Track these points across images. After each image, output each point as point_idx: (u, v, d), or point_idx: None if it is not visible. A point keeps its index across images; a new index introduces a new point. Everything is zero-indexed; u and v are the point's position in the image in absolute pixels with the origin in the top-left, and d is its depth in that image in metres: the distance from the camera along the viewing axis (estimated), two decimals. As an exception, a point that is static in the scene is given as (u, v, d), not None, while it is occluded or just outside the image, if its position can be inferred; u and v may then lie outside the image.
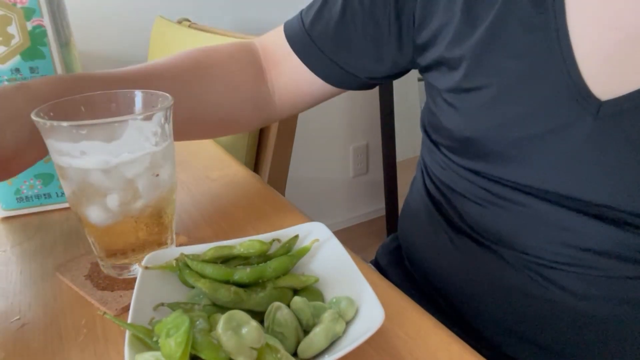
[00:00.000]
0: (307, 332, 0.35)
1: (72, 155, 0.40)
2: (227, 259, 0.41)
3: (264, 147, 1.09)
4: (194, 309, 0.35)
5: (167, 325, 0.30)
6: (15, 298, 0.43)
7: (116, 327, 0.40)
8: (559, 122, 0.42)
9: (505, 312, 0.49)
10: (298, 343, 0.34)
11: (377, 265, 0.69)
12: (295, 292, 0.39)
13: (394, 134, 1.80)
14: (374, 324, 0.33)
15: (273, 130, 1.03)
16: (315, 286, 0.40)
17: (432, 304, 0.57)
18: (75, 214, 0.43)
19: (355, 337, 0.33)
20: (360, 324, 0.35)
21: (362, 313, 0.36)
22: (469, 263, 0.51)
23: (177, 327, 0.30)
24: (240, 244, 0.41)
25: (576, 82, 0.41)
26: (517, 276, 0.48)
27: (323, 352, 0.33)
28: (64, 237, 0.53)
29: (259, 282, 0.39)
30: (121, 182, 0.41)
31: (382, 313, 0.34)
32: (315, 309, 0.36)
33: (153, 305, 0.36)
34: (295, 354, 0.34)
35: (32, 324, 0.40)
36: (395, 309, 0.41)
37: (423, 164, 0.59)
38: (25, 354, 0.37)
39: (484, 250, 0.50)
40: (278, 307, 0.35)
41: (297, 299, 0.37)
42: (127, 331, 0.32)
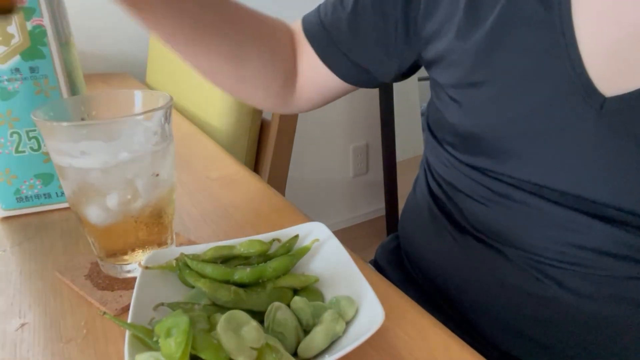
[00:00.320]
0: (307, 332, 0.35)
1: (72, 155, 0.40)
2: (227, 259, 0.41)
3: (264, 147, 1.09)
4: (194, 309, 0.35)
5: (167, 325, 0.30)
6: (15, 298, 0.43)
7: (116, 327, 0.39)
8: (562, 118, 0.42)
9: (507, 310, 0.49)
10: (298, 343, 0.34)
11: (377, 265, 0.69)
12: (295, 292, 0.39)
13: (394, 134, 1.80)
14: (374, 324, 0.33)
15: (273, 130, 1.04)
16: (315, 286, 0.40)
17: (432, 304, 0.57)
18: (75, 213, 0.43)
19: (355, 337, 0.33)
20: (360, 324, 0.35)
21: (362, 313, 0.36)
22: (471, 261, 0.51)
23: (177, 327, 0.30)
24: (240, 244, 0.41)
25: (581, 78, 0.41)
26: (520, 274, 0.48)
27: (323, 352, 0.33)
28: (64, 237, 0.53)
29: (259, 282, 0.39)
30: (121, 182, 0.41)
31: (382, 313, 0.34)
32: (315, 309, 0.36)
33: (153, 305, 0.36)
34: (295, 354, 0.34)
35: (32, 324, 0.40)
36: (395, 309, 0.41)
37: (426, 163, 0.59)
38: (25, 354, 0.37)
39: (486, 248, 0.50)
40: (278, 307, 0.35)
41: (297, 299, 0.37)
42: (127, 331, 0.32)
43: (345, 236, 1.80)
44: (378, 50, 0.56)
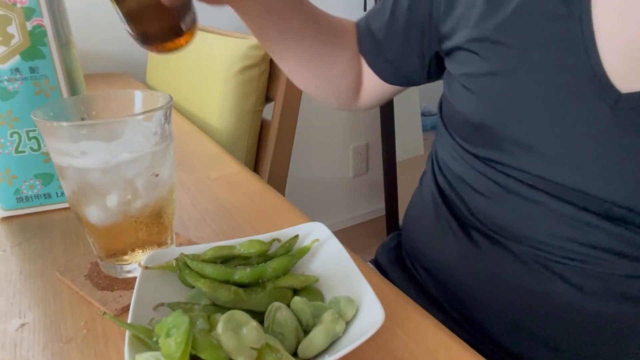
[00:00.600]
0: (307, 332, 0.35)
1: (72, 155, 0.40)
2: (227, 259, 0.41)
3: (264, 147, 1.09)
4: (194, 309, 0.35)
5: (167, 325, 0.30)
6: (15, 298, 0.43)
7: (116, 327, 0.39)
8: (576, 112, 0.42)
9: (511, 306, 0.49)
10: (298, 343, 0.34)
11: (377, 264, 0.69)
12: (295, 292, 0.39)
13: (394, 134, 1.80)
14: (374, 324, 0.33)
15: (273, 130, 1.03)
16: (315, 286, 0.40)
17: (432, 301, 0.57)
18: (75, 213, 0.43)
19: (355, 337, 0.33)
20: (360, 324, 0.35)
21: (362, 313, 0.36)
22: (476, 256, 0.51)
23: (177, 327, 0.30)
24: (240, 244, 0.41)
25: (597, 73, 0.41)
26: (525, 270, 0.48)
27: (323, 352, 0.33)
28: (64, 237, 0.53)
29: (259, 282, 0.39)
30: (121, 182, 0.41)
31: (382, 313, 0.34)
32: (315, 309, 0.36)
33: (153, 305, 0.36)
34: (295, 354, 0.34)
35: (32, 324, 0.40)
36: (395, 309, 0.41)
37: (435, 157, 0.60)
38: (25, 354, 0.37)
39: (491, 243, 0.50)
40: (278, 307, 0.35)
41: (297, 299, 0.37)
42: (127, 331, 0.32)
43: (345, 236, 1.80)
44: (413, 54, 0.59)
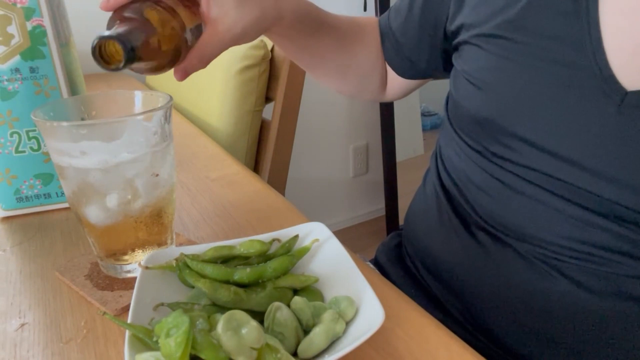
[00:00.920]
0: (307, 332, 0.35)
1: (72, 155, 0.40)
2: (227, 259, 0.41)
3: (264, 147, 1.09)
4: (194, 309, 0.35)
5: (167, 325, 0.30)
6: (15, 298, 0.43)
7: (116, 327, 0.40)
8: (581, 109, 0.42)
9: (513, 305, 0.49)
10: (298, 343, 0.34)
11: (377, 263, 0.69)
12: (295, 292, 0.39)
13: (394, 134, 1.80)
14: (374, 324, 0.33)
15: (273, 130, 1.03)
16: (315, 286, 0.40)
17: (432, 301, 0.57)
18: (75, 213, 0.43)
19: (355, 337, 0.33)
20: (360, 324, 0.35)
21: (362, 313, 0.36)
22: (479, 254, 0.51)
23: (177, 327, 0.30)
24: (240, 244, 0.41)
25: (603, 70, 0.41)
26: (528, 269, 0.48)
27: (323, 352, 0.33)
28: (64, 237, 0.53)
29: (259, 282, 0.39)
30: (121, 182, 0.41)
31: (382, 313, 0.34)
32: (315, 309, 0.36)
33: (153, 305, 0.36)
34: (295, 354, 0.34)
35: (32, 324, 0.40)
36: (395, 309, 0.41)
37: (439, 155, 0.60)
38: (25, 354, 0.37)
39: (495, 241, 0.50)
40: (278, 307, 0.35)
41: (297, 299, 0.37)
42: (127, 331, 0.32)
43: (345, 236, 1.80)
44: (428, 51, 0.60)
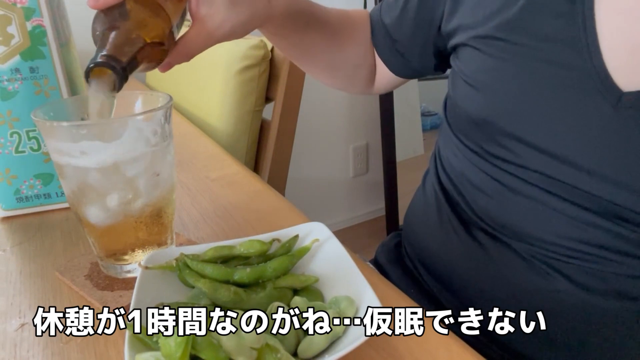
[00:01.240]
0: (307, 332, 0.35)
1: (72, 155, 0.40)
2: (227, 259, 0.41)
3: (264, 147, 1.09)
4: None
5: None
6: (15, 298, 0.43)
7: (116, 327, 0.39)
8: (577, 110, 0.42)
9: (512, 304, 0.49)
10: (298, 343, 0.34)
11: (377, 263, 0.69)
12: (295, 292, 0.39)
13: (394, 134, 1.80)
14: (374, 324, 0.33)
15: (273, 130, 1.03)
16: (315, 286, 0.40)
17: (432, 301, 0.57)
18: (75, 213, 0.43)
19: (355, 337, 0.33)
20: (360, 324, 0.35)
21: (362, 313, 0.35)
22: (478, 255, 0.51)
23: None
24: (240, 244, 0.41)
25: (599, 72, 0.41)
26: (527, 269, 0.48)
27: (323, 352, 0.33)
28: (64, 237, 0.53)
29: (259, 282, 0.39)
30: (121, 181, 0.41)
31: (382, 313, 0.34)
32: (315, 309, 0.36)
33: (153, 305, 0.36)
34: (295, 354, 0.34)
35: (32, 324, 0.40)
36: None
37: (438, 156, 0.60)
38: (25, 354, 0.37)
39: (494, 242, 0.50)
40: (278, 307, 0.35)
41: (297, 299, 0.37)
42: (127, 331, 0.32)
43: (345, 236, 1.80)
44: (421, 49, 0.60)
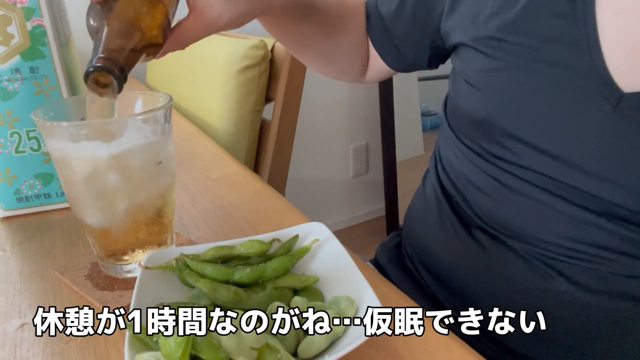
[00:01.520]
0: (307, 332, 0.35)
1: (71, 155, 0.40)
2: (227, 259, 0.41)
3: (264, 147, 1.09)
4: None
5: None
6: (15, 298, 0.43)
7: (116, 327, 0.39)
8: (578, 110, 0.42)
9: (512, 304, 0.49)
10: (298, 343, 0.34)
11: (377, 263, 0.69)
12: (295, 292, 0.39)
13: (394, 134, 1.80)
14: (374, 324, 0.33)
15: (273, 130, 1.03)
16: (315, 286, 0.40)
17: (432, 301, 0.57)
18: (75, 213, 0.43)
19: (355, 337, 0.33)
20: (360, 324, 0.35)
21: (362, 313, 0.35)
22: (478, 255, 0.51)
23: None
24: (241, 244, 0.41)
25: (599, 72, 0.41)
26: (527, 269, 0.48)
27: (323, 352, 0.33)
28: (64, 237, 0.53)
29: (259, 282, 0.39)
30: (121, 180, 0.41)
31: (382, 313, 0.34)
32: (315, 309, 0.36)
33: (153, 305, 0.36)
34: (295, 354, 0.34)
35: (32, 324, 0.40)
36: (395, 309, 0.40)
37: (438, 156, 0.60)
38: (25, 354, 0.37)
39: (493, 241, 0.50)
40: (278, 307, 0.35)
41: (297, 299, 0.37)
42: (127, 331, 0.32)
43: (345, 236, 1.80)
44: (417, 42, 0.59)
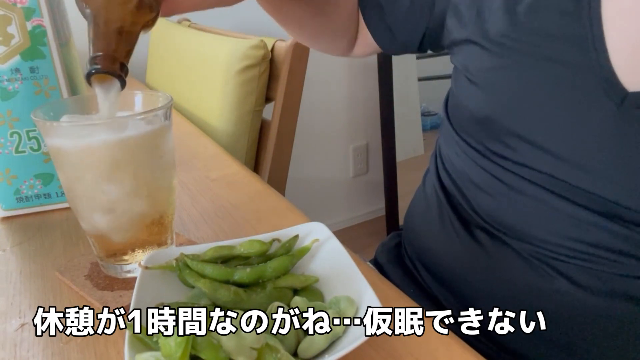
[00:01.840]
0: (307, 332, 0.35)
1: (71, 155, 0.40)
2: (227, 259, 0.41)
3: (264, 147, 1.09)
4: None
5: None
6: (15, 298, 0.43)
7: (116, 327, 0.39)
8: (582, 109, 0.42)
9: (512, 304, 0.49)
10: (298, 343, 0.34)
11: (377, 263, 0.69)
12: (295, 292, 0.39)
13: (394, 134, 1.80)
14: (374, 324, 0.33)
15: (273, 130, 1.03)
16: (315, 286, 0.40)
17: (432, 301, 0.57)
18: (75, 213, 0.43)
19: (355, 337, 0.33)
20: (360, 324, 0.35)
21: (362, 313, 0.35)
22: (478, 255, 0.51)
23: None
24: (241, 244, 0.41)
25: (604, 71, 0.41)
26: (527, 268, 0.48)
27: (323, 352, 0.33)
28: (64, 237, 0.53)
29: (259, 282, 0.39)
30: (121, 181, 0.41)
31: (382, 313, 0.34)
32: (315, 309, 0.36)
33: (153, 305, 0.36)
34: (295, 354, 0.34)
35: (32, 324, 0.40)
36: (395, 309, 0.40)
37: (439, 155, 0.59)
38: (25, 354, 0.37)
39: (494, 241, 0.50)
40: (278, 307, 0.35)
41: (297, 299, 0.37)
42: (127, 331, 0.32)
43: (345, 236, 1.80)
44: (413, 26, 0.59)
